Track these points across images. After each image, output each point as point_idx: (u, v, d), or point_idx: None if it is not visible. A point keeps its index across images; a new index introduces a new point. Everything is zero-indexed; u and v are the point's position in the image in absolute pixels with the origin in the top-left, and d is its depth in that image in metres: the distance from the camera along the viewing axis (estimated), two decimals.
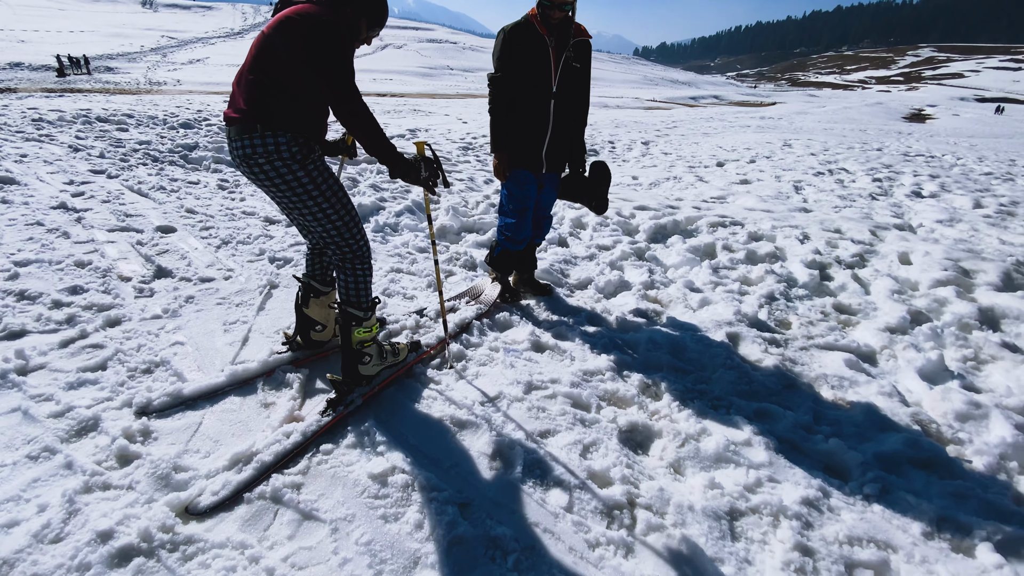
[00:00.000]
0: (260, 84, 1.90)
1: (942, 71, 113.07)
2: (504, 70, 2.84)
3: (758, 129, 18.06)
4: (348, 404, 2.17)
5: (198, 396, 2.24)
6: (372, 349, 2.30)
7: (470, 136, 11.55)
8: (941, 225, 5.92)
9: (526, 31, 2.78)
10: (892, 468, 2.08)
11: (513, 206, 3.10)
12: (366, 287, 2.25)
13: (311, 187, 2.01)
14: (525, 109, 2.88)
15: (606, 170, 3.10)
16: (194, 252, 3.73)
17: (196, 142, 7.08)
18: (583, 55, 2.88)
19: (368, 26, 2.09)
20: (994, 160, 12.29)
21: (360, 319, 2.24)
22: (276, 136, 1.91)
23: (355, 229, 2.16)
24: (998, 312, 3.49)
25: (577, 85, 2.92)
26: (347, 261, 2.20)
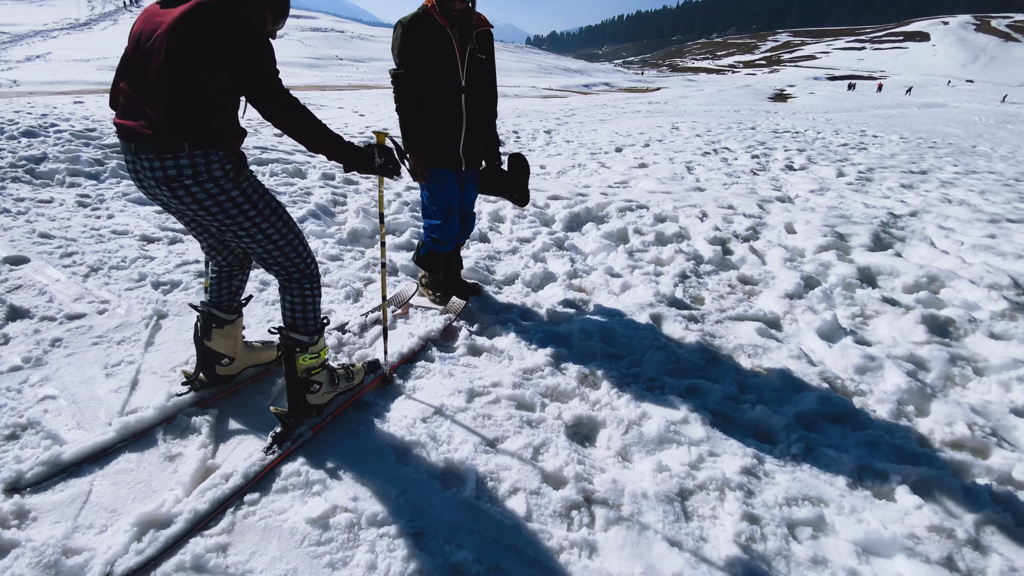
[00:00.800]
0: (176, 95, 1.62)
1: (798, 54, 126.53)
2: (407, 66, 2.66)
3: (648, 114, 19.08)
4: (296, 439, 1.96)
5: (82, 459, 1.89)
6: (321, 376, 2.08)
7: (369, 130, 11.05)
8: (814, 195, 6.60)
9: (426, 23, 2.61)
10: (811, 426, 2.26)
11: (437, 207, 2.97)
12: (315, 309, 2.04)
13: (246, 206, 1.77)
14: (436, 106, 2.74)
15: (525, 162, 3.05)
16: (55, 285, 3.18)
17: (44, 153, 6.08)
18: (487, 46, 2.79)
19: (272, 18, 1.87)
20: (848, 132, 13.96)
21: (306, 344, 2.02)
22: (207, 155, 1.66)
23: (300, 246, 1.97)
24: (874, 270, 3.93)
25: (485, 77, 2.82)
26: (294, 282, 1.98)
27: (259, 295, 3.23)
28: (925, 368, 2.72)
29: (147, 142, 1.65)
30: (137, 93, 1.68)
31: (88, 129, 7.94)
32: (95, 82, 24.27)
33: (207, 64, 1.62)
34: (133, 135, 1.67)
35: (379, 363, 2.40)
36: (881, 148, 11.29)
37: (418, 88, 2.71)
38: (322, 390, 2.08)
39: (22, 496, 1.74)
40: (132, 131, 1.67)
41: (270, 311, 3.09)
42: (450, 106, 2.75)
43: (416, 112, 2.76)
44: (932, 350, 2.80)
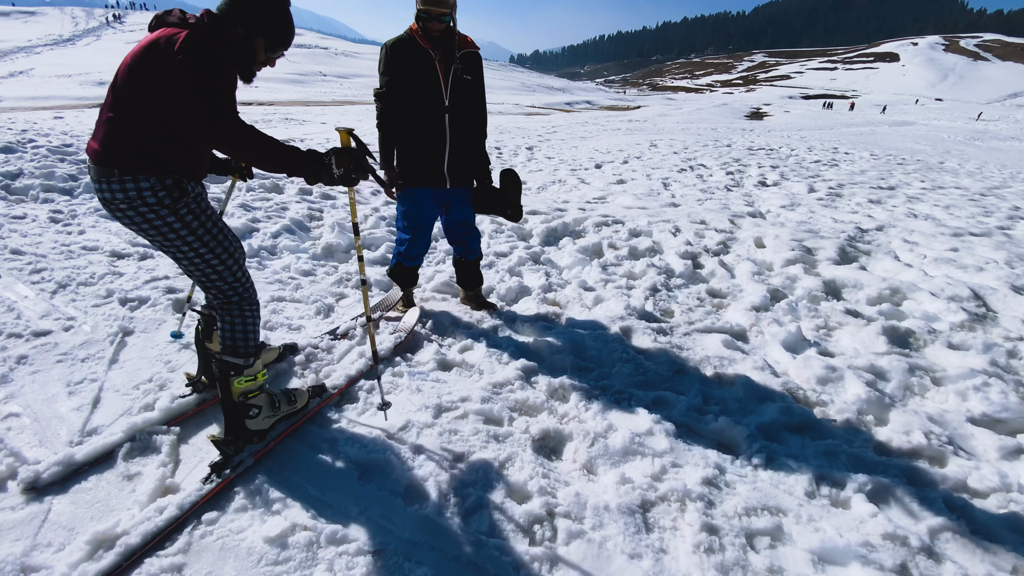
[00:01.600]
0: (118, 122, 1.68)
1: (773, 74, 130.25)
2: (389, 86, 2.74)
3: (627, 131, 19.44)
4: (236, 466, 1.92)
5: (94, 459, 1.96)
6: (260, 400, 2.05)
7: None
8: (785, 210, 6.76)
9: (409, 46, 2.70)
10: (772, 436, 2.31)
11: (408, 223, 3.05)
12: (253, 331, 2.03)
13: (184, 231, 1.78)
14: (420, 125, 2.80)
15: (516, 177, 3.10)
16: (23, 301, 3.13)
17: (20, 169, 5.99)
18: (473, 67, 2.84)
19: (267, 47, 1.84)
20: (820, 149, 14.36)
21: (240, 367, 1.99)
22: (137, 182, 1.68)
23: (237, 271, 1.96)
24: (839, 283, 4.04)
25: (470, 97, 2.87)
26: (232, 304, 1.97)
27: None
28: (885, 378, 2.79)
29: (93, 165, 1.70)
30: (100, 116, 1.73)
31: (65, 144, 7.85)
32: (77, 97, 23.99)
33: (149, 94, 1.64)
34: (90, 155, 1.72)
35: (324, 387, 2.38)
36: (852, 164, 11.63)
37: (399, 107, 2.78)
38: (262, 415, 2.04)
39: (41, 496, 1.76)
40: (90, 151, 1.72)
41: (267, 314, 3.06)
42: (433, 125, 2.80)
43: (395, 131, 2.83)
44: (892, 360, 2.88)
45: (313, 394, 2.31)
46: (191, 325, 3.01)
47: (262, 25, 1.79)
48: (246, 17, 1.75)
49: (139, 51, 1.67)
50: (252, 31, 1.78)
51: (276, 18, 1.81)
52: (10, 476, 1.86)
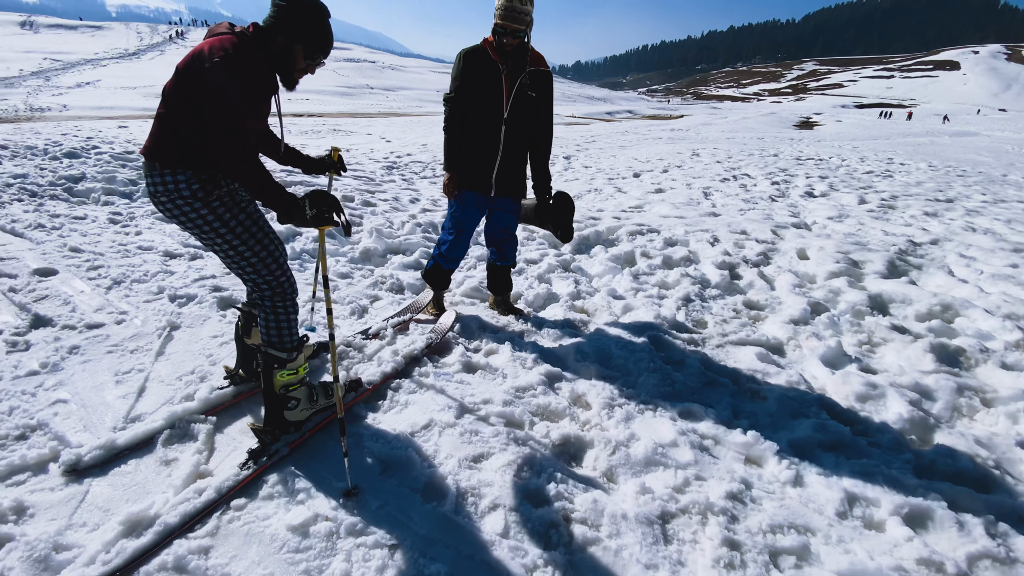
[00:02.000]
0: (164, 119, 1.83)
1: (824, 82, 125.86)
2: (458, 91, 2.87)
3: (669, 140, 19.17)
4: (272, 455, 1.99)
5: (135, 444, 2.07)
6: (299, 392, 2.12)
7: (394, 155, 11.38)
8: (832, 221, 6.51)
9: (480, 56, 2.81)
10: (804, 453, 2.21)
11: (452, 225, 3.14)
12: (289, 326, 2.10)
13: (217, 224, 1.91)
14: (477, 132, 2.91)
15: (570, 201, 3.16)
16: (80, 296, 3.35)
17: (83, 172, 6.45)
18: (540, 85, 2.89)
19: (306, 54, 1.94)
20: (874, 160, 13.76)
21: (283, 361, 2.07)
22: (175, 174, 1.83)
23: (272, 264, 2.04)
24: (886, 298, 3.85)
25: (533, 113, 2.93)
26: (266, 299, 2.06)
27: None
28: (931, 398, 2.64)
29: (143, 159, 1.86)
30: (155, 116, 1.88)
31: (127, 152, 8.39)
32: (140, 108, 25.63)
33: (190, 95, 1.77)
34: (142, 152, 1.88)
35: (361, 382, 2.43)
36: (908, 176, 11.09)
37: (464, 112, 2.90)
38: (300, 407, 2.11)
39: (80, 478, 1.88)
40: (142, 149, 1.88)
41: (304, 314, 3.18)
42: (489, 134, 2.90)
43: (458, 135, 2.95)
44: (939, 379, 2.72)
45: (349, 389, 2.38)
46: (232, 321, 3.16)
47: (300, 33, 1.89)
48: (285, 27, 1.87)
49: (188, 56, 1.82)
50: (291, 39, 1.89)
51: (314, 27, 1.91)
52: (52, 459, 1.98)
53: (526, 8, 2.65)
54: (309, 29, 1.90)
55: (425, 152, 12.31)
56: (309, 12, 1.90)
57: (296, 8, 1.88)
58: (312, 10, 1.90)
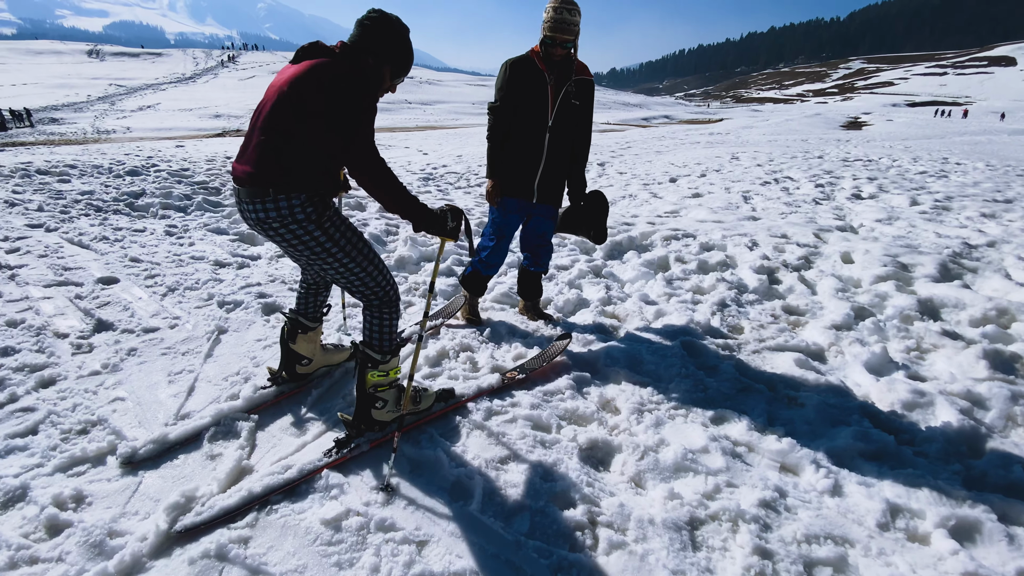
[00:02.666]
0: (272, 144, 1.83)
1: (873, 81, 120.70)
2: (503, 100, 2.93)
3: (707, 144, 18.80)
4: (354, 448, 2.10)
5: (185, 439, 2.22)
6: (388, 394, 2.17)
7: (430, 167, 11.63)
8: (880, 224, 6.23)
9: (526, 66, 2.87)
10: (844, 462, 2.13)
11: (492, 230, 3.20)
12: (390, 331, 2.15)
13: (329, 244, 1.96)
14: (521, 139, 2.96)
15: (604, 199, 3.17)
16: (138, 302, 3.59)
17: (143, 189, 6.90)
18: (584, 93, 2.96)
19: (392, 74, 2.03)
20: (928, 160, 13.09)
21: (376, 362, 2.13)
22: (290, 199, 1.83)
23: (379, 276, 2.10)
24: (937, 302, 3.66)
25: (576, 121, 2.99)
26: (373, 307, 2.13)
27: None
28: (983, 406, 2.49)
29: (245, 186, 1.86)
30: (248, 140, 1.93)
31: (183, 169, 8.92)
32: (196, 128, 27.17)
33: (301, 116, 1.80)
34: (238, 179, 1.91)
35: (453, 392, 2.43)
36: (964, 176, 10.49)
37: (508, 120, 2.96)
38: (386, 408, 2.17)
39: (135, 470, 2.04)
40: (238, 175, 1.91)
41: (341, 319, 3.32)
42: (534, 141, 2.95)
43: (502, 143, 3.01)
44: (993, 387, 2.56)
45: (439, 398, 2.39)
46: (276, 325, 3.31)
47: (390, 54, 1.96)
48: (376, 48, 1.94)
49: (291, 78, 1.83)
50: (381, 60, 1.96)
51: (401, 48, 1.99)
52: (110, 452, 2.13)
53: (575, 19, 2.71)
54: (397, 49, 1.97)
55: (460, 163, 12.52)
56: (397, 33, 1.96)
57: (385, 29, 1.94)
58: (400, 31, 1.96)
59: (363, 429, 2.16)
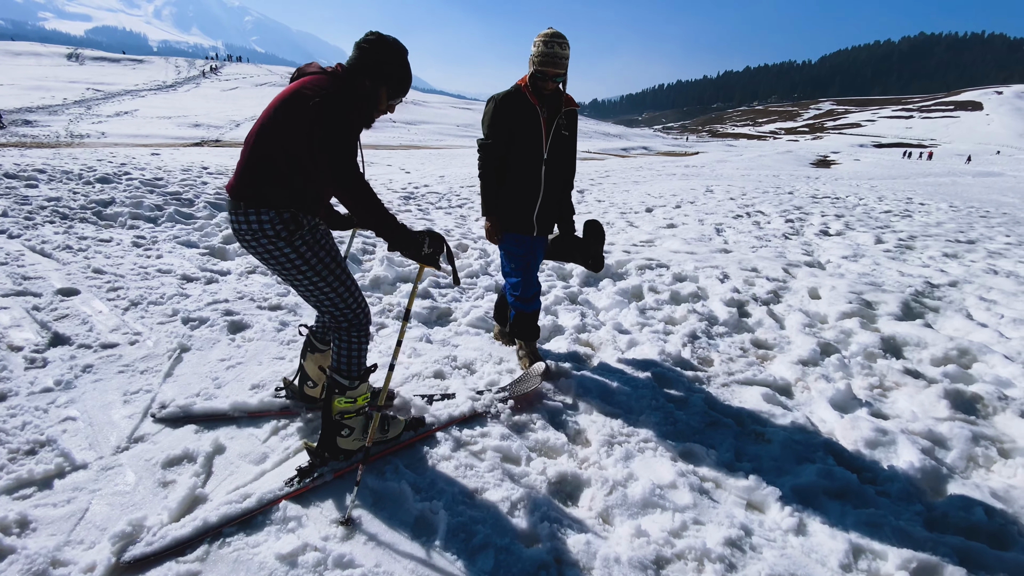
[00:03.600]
0: (252, 160, 1.88)
1: (842, 122, 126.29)
2: (494, 137, 2.88)
3: (683, 176, 19.30)
4: (316, 478, 2.02)
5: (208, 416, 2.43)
6: (354, 421, 2.12)
7: (412, 186, 11.63)
8: (847, 260, 6.44)
9: (517, 100, 2.84)
10: (808, 500, 2.15)
11: (515, 264, 3.07)
12: (359, 355, 2.12)
13: (299, 262, 1.95)
14: (517, 175, 2.92)
15: (600, 228, 3.14)
16: (98, 316, 3.45)
17: (112, 197, 6.72)
18: (572, 124, 2.99)
19: (389, 95, 2.05)
20: (892, 199, 13.65)
21: (344, 387, 2.09)
22: (259, 214, 1.86)
23: (349, 298, 2.07)
24: (899, 340, 3.77)
25: (566, 151, 3.00)
26: (342, 329, 2.09)
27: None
28: (944, 446, 2.55)
29: (230, 197, 1.92)
30: (241, 155, 1.95)
31: (156, 178, 8.73)
32: (174, 136, 26.74)
33: (286, 136, 1.83)
34: (227, 189, 1.95)
35: (423, 421, 2.38)
36: (927, 216, 10.96)
37: (500, 157, 2.91)
38: (353, 436, 2.11)
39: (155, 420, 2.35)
40: (228, 186, 1.96)
41: None
42: (530, 176, 2.91)
43: (496, 179, 2.95)
44: (954, 427, 2.63)
45: (408, 426, 2.34)
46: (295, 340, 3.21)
47: (386, 76, 1.97)
48: (372, 69, 1.95)
49: (283, 97, 1.88)
50: (377, 81, 1.97)
51: (398, 69, 2.00)
52: (57, 475, 2.02)
53: (564, 53, 2.71)
54: (393, 71, 1.99)
55: (442, 184, 12.57)
56: (393, 55, 1.97)
57: (382, 51, 1.95)
58: (397, 53, 1.98)
59: (327, 458, 2.10)
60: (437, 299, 4.30)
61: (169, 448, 2.22)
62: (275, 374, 2.91)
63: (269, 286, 4.27)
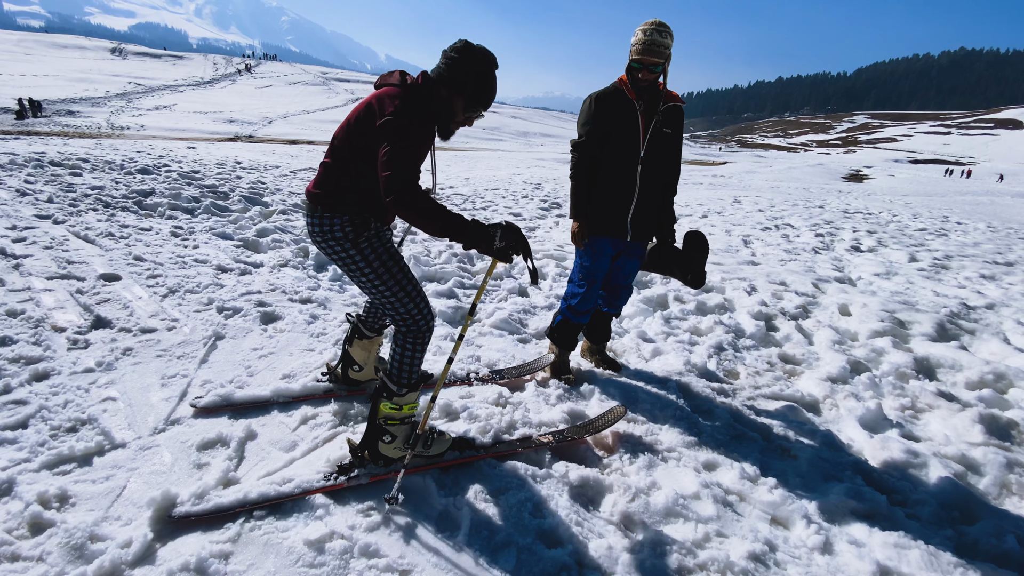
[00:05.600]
0: (329, 166, 1.99)
1: (876, 136, 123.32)
2: (588, 135, 2.77)
3: (710, 186, 19.08)
4: (352, 478, 2.03)
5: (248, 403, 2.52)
6: (398, 429, 2.08)
7: (437, 187, 11.75)
8: (879, 278, 6.29)
9: (614, 96, 2.73)
10: (836, 519, 2.11)
11: (583, 275, 2.96)
12: (411, 363, 2.09)
13: (363, 264, 2.02)
14: (610, 174, 2.79)
15: (704, 241, 2.89)
16: (138, 301, 3.59)
17: (152, 188, 6.96)
18: (675, 121, 2.80)
19: (466, 107, 1.99)
20: (928, 217, 13.29)
21: (392, 393, 2.07)
22: (332, 217, 1.97)
23: (410, 304, 2.06)
24: (933, 362, 3.67)
25: (667, 151, 2.81)
26: (399, 333, 2.11)
27: None
28: (978, 472, 2.48)
29: (307, 201, 2.04)
30: (321, 162, 2.05)
31: (193, 171, 9.00)
32: (210, 131, 27.51)
33: (358, 144, 1.90)
34: (305, 193, 2.06)
35: (472, 443, 2.28)
36: (964, 236, 10.63)
37: (594, 156, 2.78)
38: (394, 444, 2.08)
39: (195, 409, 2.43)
40: (307, 189, 2.06)
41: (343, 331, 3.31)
42: (625, 175, 2.76)
43: (588, 181, 2.83)
44: (988, 453, 2.56)
45: (455, 445, 2.23)
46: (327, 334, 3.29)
47: (463, 87, 1.94)
48: (449, 79, 1.93)
49: (362, 106, 1.94)
50: (453, 92, 1.95)
51: (477, 81, 1.95)
52: (97, 452, 2.11)
53: (666, 42, 2.56)
54: (471, 83, 1.94)
55: (467, 186, 12.67)
56: (474, 66, 1.93)
57: (464, 61, 1.92)
58: (477, 63, 1.94)
59: (366, 459, 2.09)
60: (461, 299, 4.34)
61: (204, 432, 2.29)
62: (305, 365, 2.98)
63: (300, 280, 4.37)
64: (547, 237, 7.26)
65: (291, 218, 6.50)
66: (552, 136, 61.80)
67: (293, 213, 6.79)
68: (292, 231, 5.84)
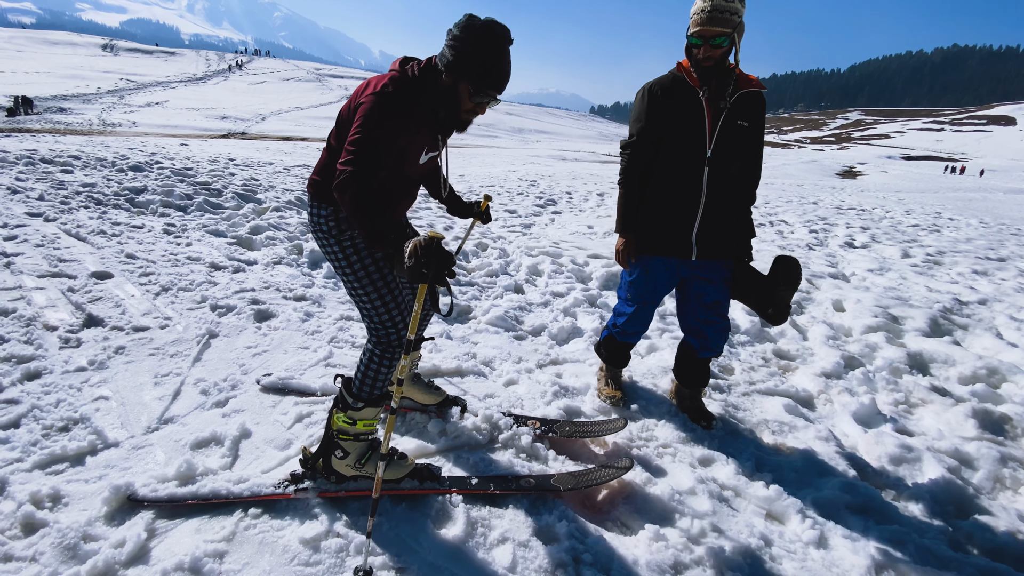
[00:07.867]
0: (324, 155, 1.95)
1: (870, 132, 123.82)
2: (641, 135, 2.33)
3: None
4: (299, 491, 1.92)
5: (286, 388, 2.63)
6: (351, 446, 1.95)
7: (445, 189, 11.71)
8: (872, 274, 6.32)
9: (672, 85, 2.28)
10: (830, 514, 2.12)
11: (632, 295, 2.56)
12: (373, 377, 1.95)
13: (343, 261, 1.94)
14: (669, 179, 2.32)
15: (797, 270, 2.35)
16: (130, 299, 3.55)
17: (145, 185, 6.90)
18: (752, 112, 2.25)
19: (472, 92, 1.76)
20: (920, 213, 13.37)
21: (346, 404, 1.95)
22: (320, 208, 1.92)
23: (385, 314, 1.94)
24: (926, 357, 3.70)
25: (742, 148, 2.29)
26: (369, 342, 2.00)
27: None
28: (971, 466, 2.50)
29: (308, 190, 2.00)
30: None
31: (186, 168, 8.93)
32: (202, 128, 27.31)
33: (343, 129, 1.84)
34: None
35: (435, 475, 2.04)
36: (956, 231, 10.70)
37: (648, 159, 2.34)
38: (346, 461, 1.95)
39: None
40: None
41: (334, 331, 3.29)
42: (688, 180, 2.29)
43: (640, 189, 2.40)
44: (981, 447, 2.58)
45: (416, 475, 2.02)
46: None
47: (465, 69, 1.71)
48: (451, 62, 1.72)
49: (355, 92, 1.89)
50: (456, 76, 1.74)
51: (478, 60, 1.70)
52: (90, 452, 2.09)
53: (733, 7, 2.05)
54: (475, 64, 1.70)
55: (461, 182, 12.64)
56: (475, 43, 1.68)
57: (464, 41, 1.69)
58: (480, 41, 1.68)
59: (315, 473, 1.97)
60: (457, 296, 4.33)
61: (198, 430, 2.28)
62: (300, 363, 2.96)
63: (294, 277, 4.34)
64: (543, 234, 7.26)
65: (285, 215, 6.46)
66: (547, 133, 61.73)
67: (287, 210, 6.75)
68: (286, 228, 5.80)
